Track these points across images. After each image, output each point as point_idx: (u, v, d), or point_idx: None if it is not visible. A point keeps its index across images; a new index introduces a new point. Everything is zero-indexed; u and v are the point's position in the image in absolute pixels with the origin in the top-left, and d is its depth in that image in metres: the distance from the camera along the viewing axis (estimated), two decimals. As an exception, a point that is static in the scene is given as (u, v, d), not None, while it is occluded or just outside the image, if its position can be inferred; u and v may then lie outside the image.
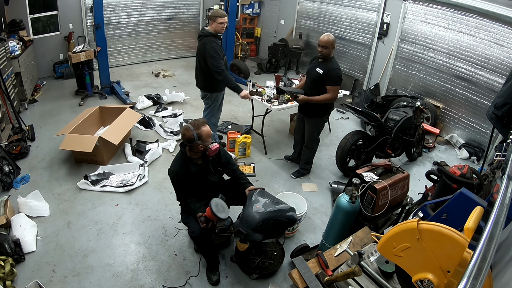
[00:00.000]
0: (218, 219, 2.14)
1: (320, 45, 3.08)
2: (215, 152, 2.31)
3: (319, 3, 6.84)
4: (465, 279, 0.80)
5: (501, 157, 2.51)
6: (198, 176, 2.34)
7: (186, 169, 2.29)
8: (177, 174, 2.28)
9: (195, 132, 2.19)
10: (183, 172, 2.27)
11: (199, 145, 2.22)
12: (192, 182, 2.31)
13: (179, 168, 2.29)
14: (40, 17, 5.93)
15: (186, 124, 2.32)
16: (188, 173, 2.29)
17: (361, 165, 3.42)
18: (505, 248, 1.35)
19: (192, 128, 2.20)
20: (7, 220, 2.73)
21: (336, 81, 3.10)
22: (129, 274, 2.51)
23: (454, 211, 1.89)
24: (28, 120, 4.54)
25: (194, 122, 2.26)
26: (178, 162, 2.33)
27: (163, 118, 4.97)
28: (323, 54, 3.09)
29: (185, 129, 2.22)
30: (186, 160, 2.31)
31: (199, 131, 2.20)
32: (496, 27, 4.23)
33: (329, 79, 3.09)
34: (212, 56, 3.31)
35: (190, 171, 2.29)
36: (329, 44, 3.04)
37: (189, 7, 7.87)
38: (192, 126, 2.21)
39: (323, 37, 3.06)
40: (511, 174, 1.19)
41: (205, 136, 2.23)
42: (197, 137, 2.19)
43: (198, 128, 2.21)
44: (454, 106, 4.92)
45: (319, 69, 3.13)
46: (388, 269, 1.68)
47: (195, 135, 2.19)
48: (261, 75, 7.25)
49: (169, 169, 2.34)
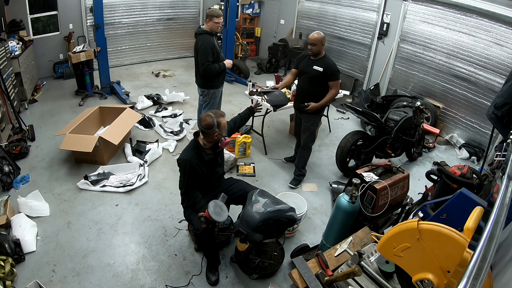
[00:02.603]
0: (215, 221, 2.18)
1: (309, 43, 3.13)
2: (226, 145, 2.36)
3: (319, 3, 6.83)
4: (465, 279, 0.80)
5: (501, 157, 2.51)
6: (208, 166, 2.36)
7: (200, 158, 2.30)
8: (191, 163, 2.27)
9: (215, 119, 2.23)
10: (196, 161, 2.28)
11: (215, 133, 2.25)
12: (204, 172, 2.32)
13: (193, 157, 2.29)
14: (40, 17, 5.93)
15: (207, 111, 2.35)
16: (202, 161, 2.30)
17: (361, 165, 3.42)
18: (505, 248, 1.35)
19: (213, 115, 2.25)
20: (7, 220, 2.73)
21: (336, 75, 3.20)
22: (129, 274, 2.51)
23: (454, 211, 1.88)
24: (28, 120, 4.54)
25: (215, 111, 2.31)
26: (191, 151, 2.33)
27: (163, 118, 4.97)
28: (313, 52, 3.14)
29: (207, 115, 2.26)
30: (199, 149, 2.33)
31: (218, 120, 2.25)
32: (496, 27, 4.23)
33: (331, 75, 3.16)
34: (202, 54, 3.47)
35: (204, 160, 2.31)
36: (318, 42, 3.08)
37: (189, 7, 7.87)
38: (214, 114, 2.26)
39: (312, 35, 3.11)
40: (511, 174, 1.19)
41: (223, 126, 2.29)
42: (217, 124, 2.23)
43: (218, 116, 2.27)
44: (454, 106, 4.92)
45: (318, 67, 3.15)
46: (388, 269, 1.68)
47: (215, 122, 2.23)
48: (261, 75, 7.25)
49: (181, 158, 2.32)
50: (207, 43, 3.46)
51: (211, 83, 3.72)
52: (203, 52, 3.47)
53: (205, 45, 3.46)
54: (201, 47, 3.46)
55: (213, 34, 3.57)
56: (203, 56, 3.47)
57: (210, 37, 3.51)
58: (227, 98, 5.62)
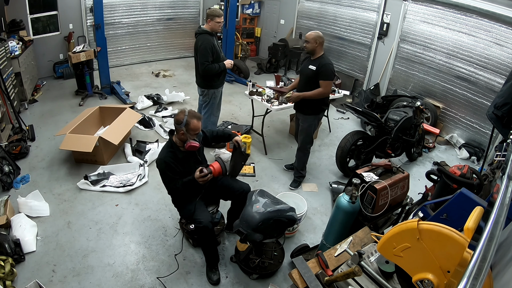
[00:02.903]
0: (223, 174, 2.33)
1: (304, 40, 3.18)
2: (190, 149, 2.32)
3: (319, 3, 6.84)
4: (465, 279, 0.80)
5: (501, 157, 2.51)
6: (184, 164, 2.36)
7: (174, 156, 2.32)
8: (165, 161, 2.30)
9: (186, 117, 2.23)
10: (170, 159, 2.30)
11: (181, 131, 2.26)
12: (180, 169, 2.33)
13: (166, 155, 2.32)
14: (40, 17, 5.94)
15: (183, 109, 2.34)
16: (176, 159, 2.32)
17: (361, 165, 3.42)
18: (505, 248, 1.35)
19: (187, 113, 2.26)
20: (7, 220, 2.73)
21: (328, 75, 3.13)
22: (129, 274, 2.51)
23: (454, 211, 1.88)
24: (28, 120, 4.54)
25: (193, 112, 2.31)
26: (165, 150, 2.37)
27: (163, 118, 4.97)
28: (307, 49, 3.15)
29: (181, 111, 2.29)
30: (173, 147, 2.35)
31: (190, 120, 2.24)
32: (496, 27, 4.23)
33: (321, 74, 3.12)
34: (202, 54, 3.48)
35: (178, 158, 2.33)
36: (310, 39, 3.08)
37: (189, 7, 7.88)
38: (188, 112, 2.26)
39: (309, 33, 3.14)
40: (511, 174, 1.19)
41: (192, 128, 2.25)
42: (185, 123, 2.23)
43: (191, 117, 2.25)
44: (454, 106, 4.92)
45: (312, 66, 3.15)
46: (388, 269, 1.68)
47: (185, 120, 2.23)
48: (261, 75, 7.25)
49: (157, 159, 2.37)
50: (207, 43, 3.46)
51: (211, 83, 3.72)
52: (202, 52, 3.47)
53: (205, 45, 3.46)
54: (201, 47, 3.47)
55: (213, 34, 3.58)
56: (203, 56, 3.48)
57: (210, 37, 3.52)
58: (227, 98, 5.62)
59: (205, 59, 3.48)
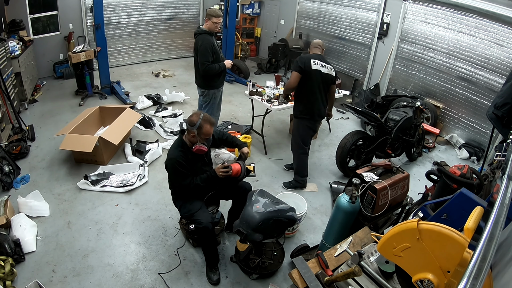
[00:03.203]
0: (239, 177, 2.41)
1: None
2: (198, 152, 2.33)
3: (319, 3, 6.84)
4: (465, 279, 0.80)
5: (501, 157, 2.51)
6: (193, 164, 2.37)
7: (185, 156, 2.32)
8: (177, 160, 2.28)
9: (200, 121, 2.23)
10: (182, 159, 2.30)
11: (192, 133, 2.26)
12: (188, 169, 2.34)
13: (178, 154, 2.31)
14: (40, 17, 5.94)
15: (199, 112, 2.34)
16: (186, 159, 2.32)
17: (361, 165, 3.42)
18: (505, 248, 1.35)
19: (202, 117, 2.25)
20: (7, 220, 2.73)
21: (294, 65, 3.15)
22: (129, 274, 2.51)
23: (454, 211, 1.88)
24: (28, 120, 4.54)
25: (208, 117, 2.31)
26: (176, 149, 2.36)
27: (163, 118, 4.97)
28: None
29: (196, 114, 2.29)
30: (184, 147, 2.35)
31: (203, 123, 2.24)
32: (496, 27, 4.23)
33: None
34: (202, 54, 3.47)
35: (188, 158, 2.33)
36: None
37: (189, 7, 7.88)
38: (202, 116, 2.26)
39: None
40: (511, 174, 1.19)
41: (204, 132, 2.26)
42: (198, 125, 2.23)
43: (206, 121, 2.26)
44: (454, 106, 4.92)
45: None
46: (388, 269, 1.68)
47: (198, 123, 2.23)
48: (261, 75, 7.25)
49: (168, 159, 2.34)
50: (206, 43, 3.46)
51: (211, 83, 3.72)
52: (202, 52, 3.47)
53: (204, 45, 3.46)
54: (201, 47, 3.47)
55: (213, 34, 3.58)
56: (203, 56, 3.48)
57: (209, 37, 3.52)
58: (227, 98, 5.62)
59: (205, 59, 3.48)
